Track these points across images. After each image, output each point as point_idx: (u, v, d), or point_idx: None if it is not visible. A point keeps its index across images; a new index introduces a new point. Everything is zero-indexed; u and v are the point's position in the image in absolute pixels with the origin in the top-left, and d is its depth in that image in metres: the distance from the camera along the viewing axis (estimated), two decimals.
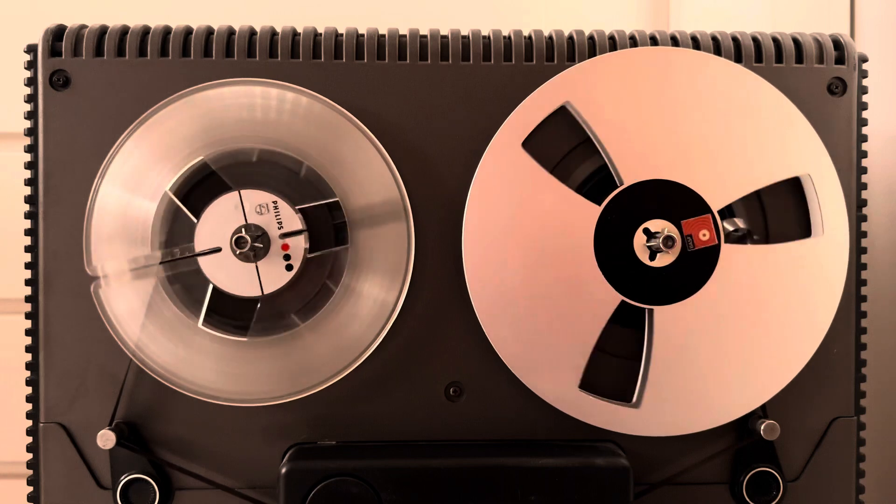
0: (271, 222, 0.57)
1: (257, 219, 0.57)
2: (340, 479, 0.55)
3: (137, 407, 0.59)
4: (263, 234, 0.56)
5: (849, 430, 0.61)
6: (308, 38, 0.60)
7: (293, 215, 0.57)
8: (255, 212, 0.57)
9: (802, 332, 0.59)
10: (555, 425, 0.59)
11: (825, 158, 0.59)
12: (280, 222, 0.57)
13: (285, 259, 0.57)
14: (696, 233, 0.57)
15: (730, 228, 0.59)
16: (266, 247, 0.57)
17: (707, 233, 0.57)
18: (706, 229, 0.57)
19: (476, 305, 0.58)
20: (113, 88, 0.58)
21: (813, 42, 0.61)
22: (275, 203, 0.57)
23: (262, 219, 0.57)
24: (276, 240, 0.57)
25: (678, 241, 0.57)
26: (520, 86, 0.59)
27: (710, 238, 0.57)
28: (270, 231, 0.57)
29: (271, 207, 0.57)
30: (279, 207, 0.57)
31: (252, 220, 0.56)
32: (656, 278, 0.57)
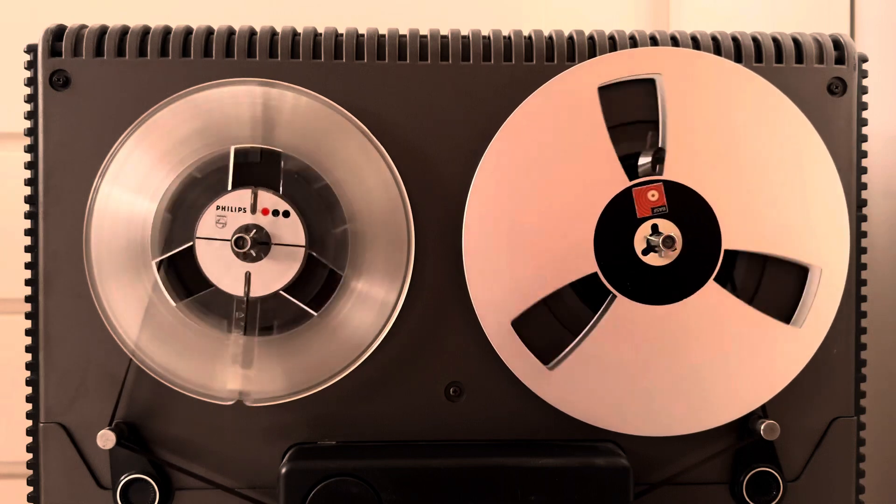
0: (239, 217, 0.57)
1: (228, 229, 0.56)
2: (340, 479, 0.55)
3: (137, 407, 0.59)
4: (264, 236, 0.56)
5: (849, 430, 0.61)
6: (308, 38, 0.60)
7: (239, 195, 0.57)
8: (218, 228, 0.56)
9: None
10: (555, 425, 0.59)
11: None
12: (241, 208, 0.56)
13: (275, 215, 0.57)
14: (645, 195, 0.57)
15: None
16: (266, 248, 0.56)
17: (656, 193, 0.57)
18: (655, 190, 0.57)
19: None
20: (113, 88, 0.58)
21: (813, 42, 0.61)
22: (218, 207, 0.56)
23: (231, 222, 0.57)
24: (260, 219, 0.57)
25: (677, 248, 0.57)
26: (520, 86, 0.59)
27: (658, 199, 0.57)
28: (273, 233, 0.57)
29: (222, 213, 0.56)
30: (224, 205, 0.56)
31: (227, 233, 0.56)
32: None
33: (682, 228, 0.57)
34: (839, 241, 0.59)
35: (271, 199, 0.57)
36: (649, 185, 0.57)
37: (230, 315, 0.58)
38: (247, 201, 0.57)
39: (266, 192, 0.57)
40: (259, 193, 0.57)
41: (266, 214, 0.57)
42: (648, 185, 0.57)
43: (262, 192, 0.57)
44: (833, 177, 0.59)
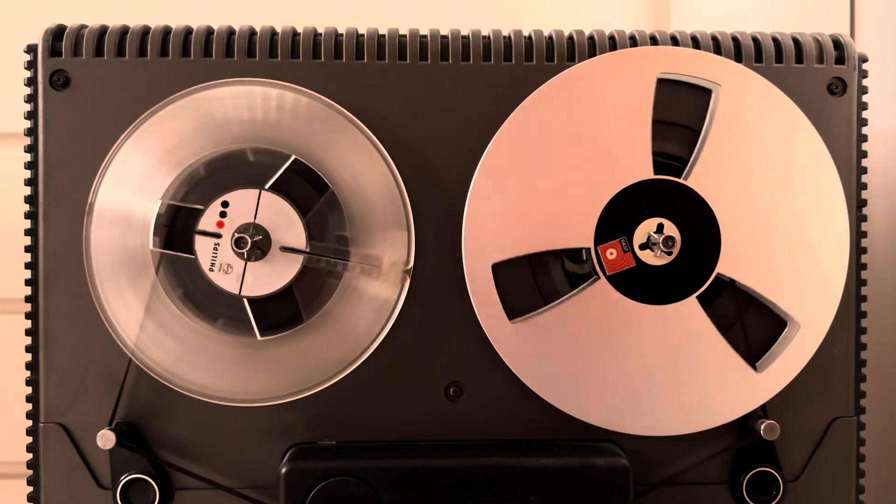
0: (274, 225, 0.57)
1: (233, 223, 0.57)
2: (340, 479, 0.55)
3: (137, 407, 0.59)
4: (265, 237, 0.57)
5: (849, 430, 0.61)
6: (308, 38, 0.60)
7: (293, 215, 0.57)
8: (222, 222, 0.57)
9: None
10: (555, 425, 0.59)
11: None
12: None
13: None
14: (604, 252, 0.57)
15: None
16: (265, 249, 0.56)
17: (614, 252, 0.57)
18: (613, 248, 0.57)
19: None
20: (113, 88, 0.58)
21: (813, 42, 0.61)
22: (223, 203, 0.56)
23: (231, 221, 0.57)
24: (276, 243, 0.57)
25: (676, 250, 0.57)
26: (520, 86, 0.59)
27: (616, 257, 0.57)
28: (273, 234, 0.57)
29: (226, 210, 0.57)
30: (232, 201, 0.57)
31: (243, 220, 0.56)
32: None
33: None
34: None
35: (275, 200, 0.57)
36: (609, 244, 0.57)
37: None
38: (251, 201, 0.57)
39: (270, 193, 0.57)
40: (262, 194, 0.57)
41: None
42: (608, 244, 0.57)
43: (265, 193, 0.57)
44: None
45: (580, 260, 0.58)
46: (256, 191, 0.57)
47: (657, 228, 0.57)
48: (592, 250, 0.57)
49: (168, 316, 0.57)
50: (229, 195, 0.57)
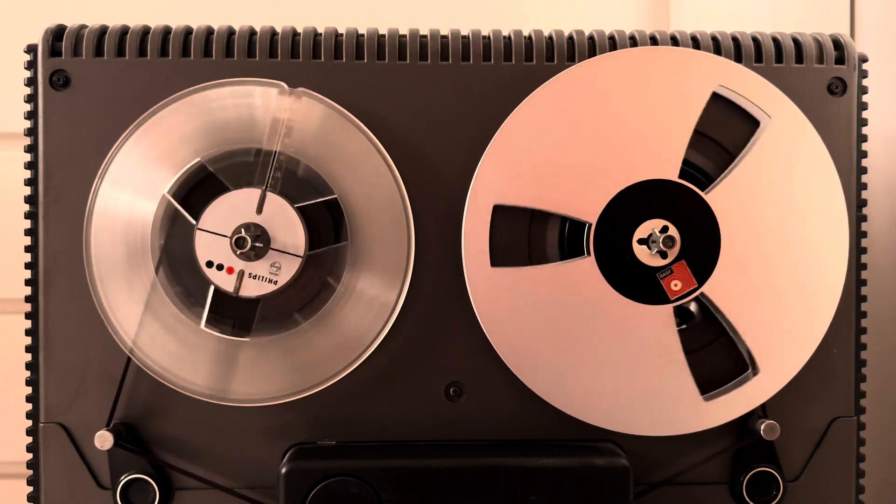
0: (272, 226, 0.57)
1: (262, 220, 0.57)
2: (340, 479, 0.55)
3: (137, 407, 0.59)
4: (263, 235, 0.56)
5: (849, 430, 0.61)
6: (308, 38, 0.60)
7: (292, 215, 0.57)
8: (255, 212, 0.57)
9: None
10: (555, 425, 0.59)
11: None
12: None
13: None
14: (668, 284, 0.57)
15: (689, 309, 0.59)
16: (265, 247, 0.56)
17: (679, 283, 0.57)
18: (680, 280, 0.57)
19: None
20: (113, 88, 0.58)
21: (813, 42, 0.61)
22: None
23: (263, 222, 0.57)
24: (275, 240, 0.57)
25: (676, 247, 0.57)
26: (520, 86, 0.59)
27: (681, 288, 0.57)
28: (271, 231, 0.57)
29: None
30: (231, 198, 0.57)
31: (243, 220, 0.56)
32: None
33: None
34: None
35: (278, 202, 0.57)
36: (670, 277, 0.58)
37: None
38: (253, 201, 0.57)
39: (273, 194, 0.57)
40: (268, 196, 0.57)
41: None
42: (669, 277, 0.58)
43: (269, 195, 0.57)
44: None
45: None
46: (263, 192, 0.57)
47: (661, 228, 0.57)
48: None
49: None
50: (234, 193, 0.56)
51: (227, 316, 0.58)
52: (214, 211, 0.56)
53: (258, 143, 0.57)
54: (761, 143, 0.58)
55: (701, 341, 0.60)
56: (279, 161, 0.57)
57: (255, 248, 0.56)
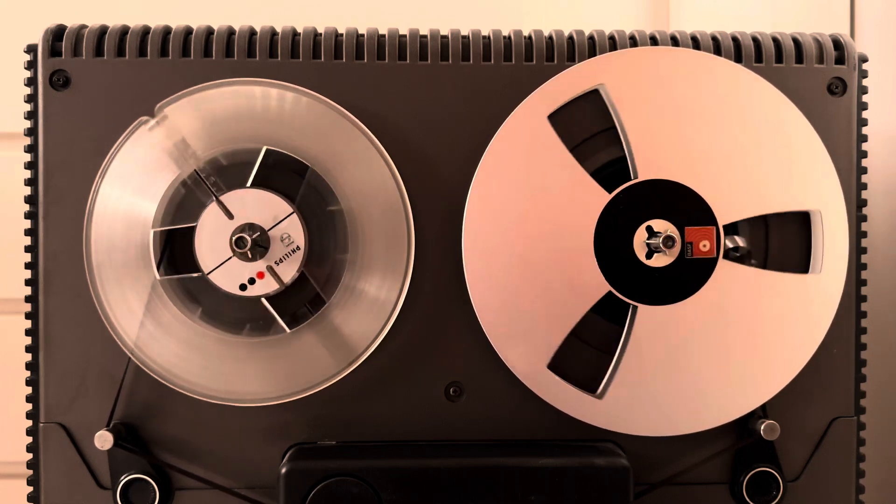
0: (263, 217, 0.57)
1: (248, 217, 0.57)
2: (340, 479, 0.55)
3: (137, 407, 0.59)
4: (262, 232, 0.56)
5: (849, 430, 0.61)
6: (308, 38, 0.60)
7: (280, 202, 0.57)
8: (243, 211, 0.57)
9: (802, 332, 0.59)
10: (555, 425, 0.59)
11: (839, 196, 0.59)
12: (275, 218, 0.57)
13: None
14: (697, 241, 0.57)
15: (730, 245, 0.59)
16: (266, 243, 0.56)
17: (708, 244, 0.57)
18: (707, 240, 0.57)
19: (476, 305, 0.58)
20: (113, 88, 0.58)
21: (813, 42, 0.61)
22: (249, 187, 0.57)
23: (254, 216, 0.57)
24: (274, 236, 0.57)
25: (678, 245, 0.57)
26: (520, 86, 0.59)
27: (709, 249, 0.57)
28: (266, 226, 0.57)
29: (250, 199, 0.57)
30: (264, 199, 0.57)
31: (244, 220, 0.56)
32: (649, 277, 0.57)
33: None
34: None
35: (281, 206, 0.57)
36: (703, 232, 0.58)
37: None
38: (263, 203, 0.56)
39: (278, 196, 0.57)
40: (260, 192, 0.57)
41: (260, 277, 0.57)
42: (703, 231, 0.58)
43: (262, 192, 0.57)
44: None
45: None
46: (259, 191, 0.57)
47: (649, 234, 0.57)
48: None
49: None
50: (244, 191, 0.57)
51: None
52: (206, 225, 0.57)
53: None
54: (616, 104, 0.58)
55: (760, 255, 0.60)
56: (205, 170, 0.56)
57: (255, 247, 0.56)
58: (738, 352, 0.58)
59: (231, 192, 0.57)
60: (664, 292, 0.58)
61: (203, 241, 0.57)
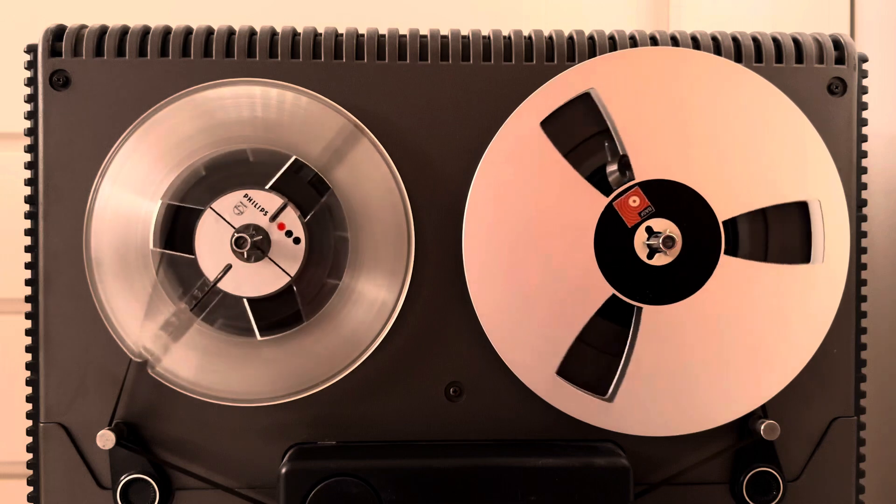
0: (256, 215, 0.57)
1: (242, 218, 0.56)
2: (340, 479, 0.55)
3: (137, 407, 0.59)
4: (259, 229, 0.56)
5: (849, 430, 0.61)
6: (308, 38, 0.60)
7: (270, 197, 0.57)
8: (235, 213, 0.56)
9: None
10: (555, 425, 0.59)
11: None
12: (263, 210, 0.57)
13: (287, 235, 0.57)
14: (626, 204, 0.57)
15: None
16: (267, 239, 0.57)
17: (637, 199, 0.57)
18: (635, 196, 0.57)
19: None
20: (113, 88, 0.58)
21: (813, 42, 0.61)
22: (246, 196, 0.56)
23: (247, 216, 0.56)
24: (271, 228, 0.57)
25: (678, 244, 0.57)
26: (520, 86, 0.59)
27: (639, 204, 0.57)
28: (262, 223, 0.57)
29: (246, 202, 0.56)
30: (252, 198, 0.56)
31: (238, 222, 0.56)
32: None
33: (675, 221, 0.58)
34: (829, 173, 0.59)
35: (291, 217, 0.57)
36: (627, 193, 0.57)
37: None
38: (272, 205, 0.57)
39: (234, 191, 0.56)
40: (228, 198, 0.56)
41: (281, 229, 0.57)
42: (626, 194, 0.57)
43: (230, 196, 0.57)
44: (833, 177, 0.59)
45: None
46: (284, 203, 0.57)
47: (649, 234, 0.57)
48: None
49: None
50: (200, 221, 0.57)
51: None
52: (236, 198, 0.57)
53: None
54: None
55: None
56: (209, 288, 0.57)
57: (256, 245, 0.56)
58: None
59: (265, 190, 0.57)
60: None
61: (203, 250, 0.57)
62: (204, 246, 0.57)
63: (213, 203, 0.56)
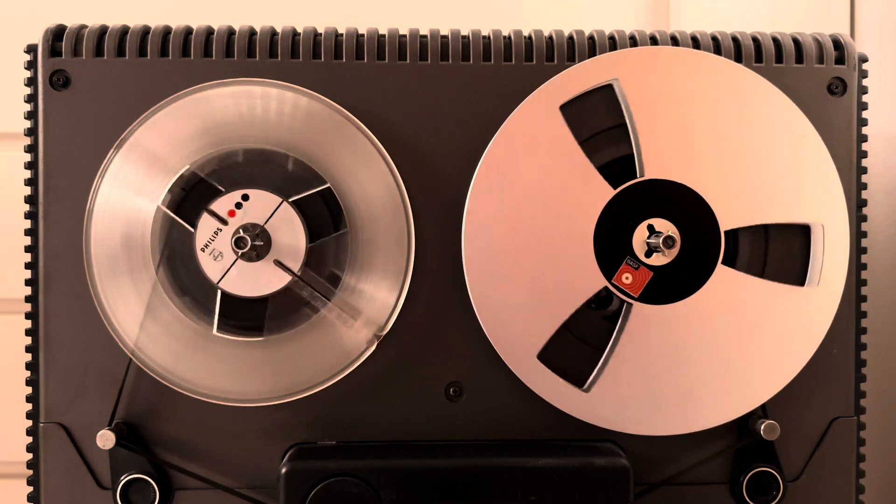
0: (255, 214, 0.57)
1: (240, 219, 0.56)
2: (340, 479, 0.55)
3: (137, 407, 0.59)
4: (262, 231, 0.56)
5: (849, 430, 0.61)
6: (308, 38, 0.60)
7: (268, 196, 0.57)
8: (232, 215, 0.57)
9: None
10: (555, 425, 0.59)
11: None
12: (261, 209, 0.57)
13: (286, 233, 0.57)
14: (619, 281, 0.57)
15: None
16: (267, 242, 0.56)
17: (630, 277, 0.57)
18: (630, 274, 0.57)
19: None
20: (113, 88, 0.58)
21: (813, 42, 0.61)
22: (244, 196, 0.57)
23: (247, 216, 0.57)
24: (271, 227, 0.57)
25: (677, 245, 0.57)
26: (520, 86, 0.59)
27: (632, 282, 0.57)
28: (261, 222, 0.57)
29: (243, 202, 0.57)
30: (251, 197, 0.57)
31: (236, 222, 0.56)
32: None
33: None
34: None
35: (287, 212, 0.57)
36: (619, 270, 0.57)
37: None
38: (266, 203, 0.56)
39: (288, 204, 0.57)
40: (225, 199, 0.57)
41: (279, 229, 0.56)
42: (619, 271, 0.57)
43: (227, 197, 0.57)
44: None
45: (609, 303, 0.59)
46: (277, 198, 0.57)
47: (650, 233, 0.57)
48: (610, 286, 0.57)
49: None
50: (201, 221, 0.57)
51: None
52: (230, 200, 0.57)
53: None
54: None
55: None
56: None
57: (252, 251, 0.56)
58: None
59: (257, 189, 0.57)
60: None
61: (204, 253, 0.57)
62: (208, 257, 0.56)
63: (211, 205, 0.56)
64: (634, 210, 0.58)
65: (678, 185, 0.58)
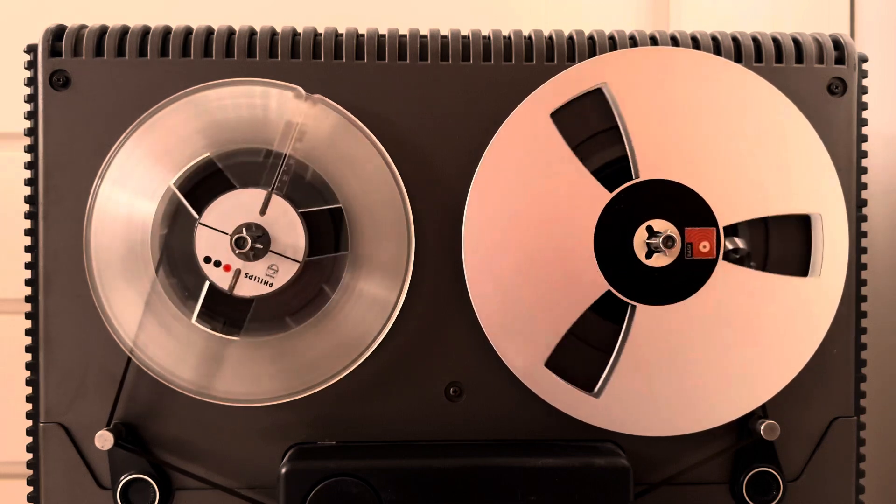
0: (250, 214, 0.57)
1: (236, 220, 0.56)
2: (340, 479, 0.55)
3: (137, 407, 0.59)
4: (264, 236, 0.56)
5: (849, 430, 0.61)
6: (308, 38, 0.60)
7: (256, 193, 0.56)
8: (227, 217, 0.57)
9: (801, 335, 0.59)
10: (555, 425, 0.59)
11: (839, 200, 0.59)
12: (255, 206, 0.57)
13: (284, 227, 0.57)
14: (696, 242, 0.57)
15: (730, 247, 0.59)
16: (265, 248, 0.56)
17: (707, 245, 0.57)
18: (707, 241, 0.57)
19: (476, 305, 0.58)
20: (113, 88, 0.58)
21: (813, 42, 0.61)
22: (234, 196, 0.56)
23: (242, 216, 0.57)
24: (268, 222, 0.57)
25: (678, 245, 0.57)
26: (520, 86, 0.59)
27: (709, 251, 0.57)
28: (271, 231, 0.57)
29: (235, 202, 0.56)
30: (240, 197, 0.56)
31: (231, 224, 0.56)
32: (648, 277, 0.57)
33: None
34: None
35: (281, 205, 0.57)
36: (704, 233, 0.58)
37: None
38: (258, 201, 0.56)
39: (278, 197, 0.56)
40: (272, 198, 0.56)
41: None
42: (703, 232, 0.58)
43: (274, 197, 0.56)
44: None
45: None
46: (263, 191, 0.57)
47: (649, 234, 0.57)
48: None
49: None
50: (238, 192, 0.56)
51: (227, 316, 0.58)
52: (217, 208, 0.56)
53: (262, 143, 0.57)
54: (619, 103, 0.58)
55: (760, 257, 0.60)
56: (288, 164, 0.57)
57: (254, 249, 0.56)
58: (737, 352, 0.58)
59: (236, 190, 0.57)
60: (663, 292, 0.58)
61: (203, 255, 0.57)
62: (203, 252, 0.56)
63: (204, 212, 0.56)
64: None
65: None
